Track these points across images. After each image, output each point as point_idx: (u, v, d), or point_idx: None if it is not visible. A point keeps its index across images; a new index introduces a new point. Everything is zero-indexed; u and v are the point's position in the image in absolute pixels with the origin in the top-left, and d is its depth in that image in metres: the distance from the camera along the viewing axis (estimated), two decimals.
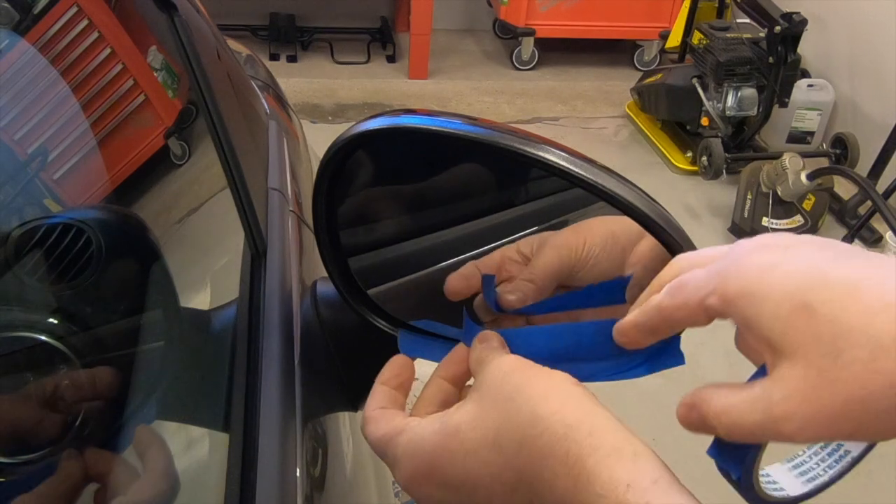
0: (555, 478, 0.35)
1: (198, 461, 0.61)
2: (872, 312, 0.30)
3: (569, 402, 0.37)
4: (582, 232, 0.48)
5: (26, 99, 0.59)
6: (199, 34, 0.76)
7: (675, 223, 0.43)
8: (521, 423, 0.37)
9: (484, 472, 0.38)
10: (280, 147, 1.08)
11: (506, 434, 0.37)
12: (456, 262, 0.54)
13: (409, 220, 0.56)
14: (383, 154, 0.51)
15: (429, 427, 0.41)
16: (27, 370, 0.47)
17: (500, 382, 0.39)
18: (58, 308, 0.50)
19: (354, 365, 0.63)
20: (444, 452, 0.39)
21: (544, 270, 0.48)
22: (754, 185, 2.87)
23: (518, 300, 0.48)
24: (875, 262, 0.32)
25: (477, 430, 0.38)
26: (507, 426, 0.37)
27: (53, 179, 0.58)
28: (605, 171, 0.43)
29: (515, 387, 0.38)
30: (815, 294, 0.31)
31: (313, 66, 4.19)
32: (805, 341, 0.31)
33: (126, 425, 0.51)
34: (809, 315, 0.31)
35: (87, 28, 0.67)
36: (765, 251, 0.34)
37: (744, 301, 0.34)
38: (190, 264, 0.74)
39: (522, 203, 0.53)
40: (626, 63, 4.40)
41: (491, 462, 0.37)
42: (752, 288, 0.33)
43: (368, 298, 0.56)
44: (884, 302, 0.30)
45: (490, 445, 0.38)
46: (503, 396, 0.38)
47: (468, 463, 0.38)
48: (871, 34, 3.35)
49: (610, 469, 0.34)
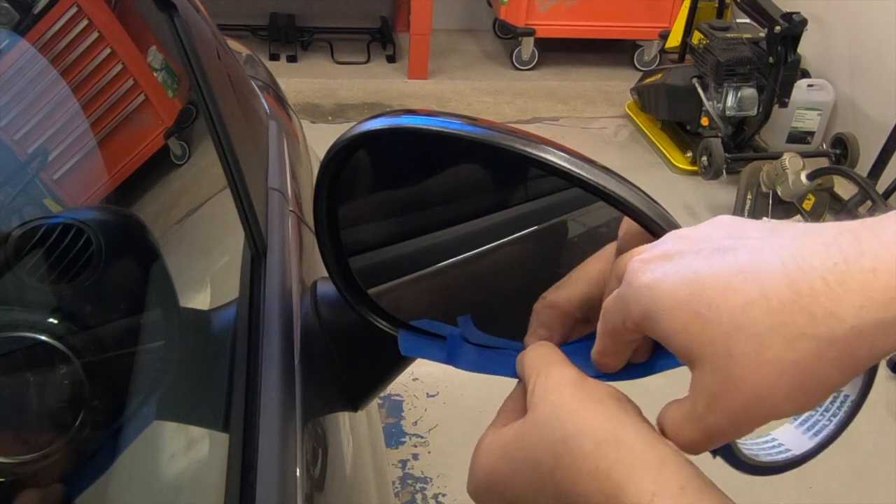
0: (588, 494, 0.36)
1: (198, 461, 0.61)
2: (750, 305, 0.32)
3: (599, 417, 0.38)
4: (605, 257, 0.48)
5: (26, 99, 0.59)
6: (199, 34, 0.76)
7: (675, 223, 0.43)
8: (554, 442, 0.38)
9: (529, 490, 0.39)
10: (280, 147, 1.08)
11: (543, 453, 0.38)
12: (456, 261, 0.54)
13: (410, 220, 0.56)
14: (384, 154, 0.51)
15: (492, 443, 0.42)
16: (27, 370, 0.47)
17: (542, 400, 0.41)
18: (58, 308, 0.51)
19: (354, 365, 0.63)
20: (496, 473, 0.41)
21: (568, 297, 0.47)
22: (754, 185, 2.87)
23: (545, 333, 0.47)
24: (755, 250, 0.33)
25: (522, 449, 0.40)
26: (544, 445, 0.39)
27: (53, 179, 0.58)
28: (605, 171, 0.43)
29: (554, 406, 0.39)
30: (699, 300, 0.33)
31: (313, 66, 4.19)
32: (704, 348, 0.33)
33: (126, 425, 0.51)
34: (701, 322, 0.33)
35: (87, 28, 0.67)
36: (651, 267, 0.36)
37: (649, 323, 0.35)
38: (190, 264, 0.74)
39: (522, 203, 0.53)
40: (626, 63, 4.40)
41: (534, 480, 0.39)
42: (649, 309, 0.35)
43: (368, 298, 0.56)
44: (760, 293, 0.31)
45: (531, 465, 0.39)
46: (544, 415, 0.40)
47: (516, 481, 0.40)
48: (871, 34, 3.35)
49: (636, 480, 0.34)
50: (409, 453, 2.02)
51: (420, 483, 1.94)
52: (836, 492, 2.04)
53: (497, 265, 0.55)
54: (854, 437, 2.12)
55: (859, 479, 2.08)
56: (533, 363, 0.44)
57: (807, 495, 2.02)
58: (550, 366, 0.43)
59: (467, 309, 0.54)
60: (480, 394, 2.18)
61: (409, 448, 2.04)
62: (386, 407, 2.16)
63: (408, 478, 1.96)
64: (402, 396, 2.20)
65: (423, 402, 2.18)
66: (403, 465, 1.99)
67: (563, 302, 0.47)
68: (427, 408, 2.16)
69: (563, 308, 0.47)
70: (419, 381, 2.24)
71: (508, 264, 0.55)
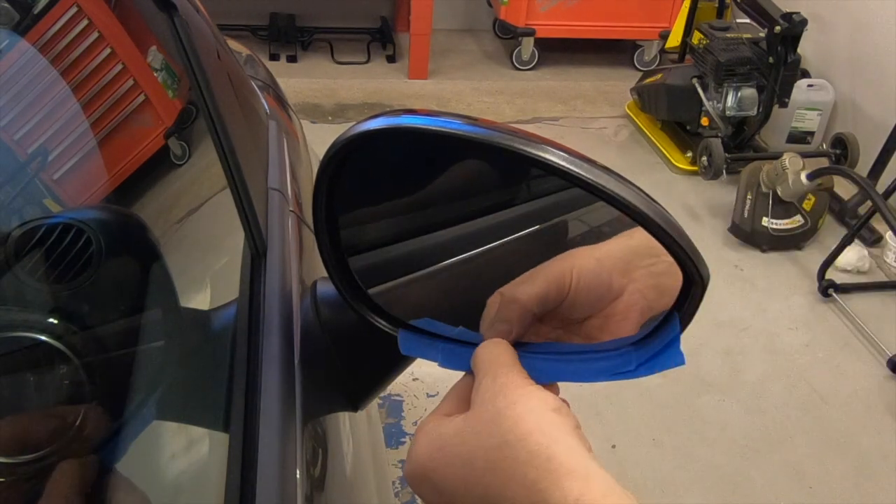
0: (516, 498, 0.39)
1: (198, 461, 0.61)
2: None
3: (536, 429, 0.41)
4: (569, 259, 0.50)
5: (26, 99, 0.59)
6: (199, 34, 0.76)
7: (676, 223, 0.43)
8: (490, 447, 0.41)
9: (460, 486, 0.42)
10: (280, 147, 1.08)
11: (478, 454, 0.41)
12: (456, 261, 0.54)
13: (409, 220, 0.56)
14: (383, 154, 0.51)
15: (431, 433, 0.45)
16: (27, 370, 0.47)
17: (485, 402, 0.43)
18: (58, 308, 0.50)
19: (354, 365, 0.63)
20: (432, 462, 0.44)
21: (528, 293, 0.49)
22: (754, 185, 2.88)
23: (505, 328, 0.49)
24: None
25: (458, 446, 0.43)
26: (480, 447, 0.42)
27: (53, 179, 0.58)
28: (605, 171, 0.43)
29: (496, 411, 0.42)
30: None
31: (313, 66, 4.19)
32: None
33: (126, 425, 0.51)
34: None
35: (87, 28, 0.67)
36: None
37: None
38: (190, 264, 0.74)
39: (522, 203, 0.53)
40: (626, 63, 4.40)
41: (466, 478, 0.42)
42: None
43: (368, 298, 0.56)
44: None
45: (466, 463, 0.42)
46: (485, 418, 0.42)
47: (449, 474, 0.43)
48: (871, 34, 3.35)
49: (562, 488, 0.38)
50: None
51: None
52: (836, 492, 2.04)
53: (497, 265, 0.55)
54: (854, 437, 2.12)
55: (859, 479, 2.08)
56: (484, 360, 0.46)
57: (807, 495, 2.02)
58: (500, 367, 0.45)
59: (467, 309, 0.54)
60: None
61: (409, 448, 2.04)
62: (386, 407, 2.16)
63: None
64: (402, 396, 2.20)
65: (423, 402, 2.18)
66: (403, 465, 1.99)
67: (524, 298, 0.49)
68: (427, 408, 2.16)
69: (523, 304, 0.48)
70: (419, 381, 2.24)
71: (508, 264, 0.55)
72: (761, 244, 2.92)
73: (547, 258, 0.51)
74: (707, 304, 0.46)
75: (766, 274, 2.85)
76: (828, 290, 2.70)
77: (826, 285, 2.70)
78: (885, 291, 2.77)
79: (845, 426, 2.21)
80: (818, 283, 2.73)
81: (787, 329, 2.60)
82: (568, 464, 0.39)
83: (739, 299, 2.70)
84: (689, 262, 0.44)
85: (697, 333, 2.33)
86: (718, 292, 2.68)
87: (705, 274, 0.44)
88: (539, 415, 0.41)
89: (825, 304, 2.71)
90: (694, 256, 0.44)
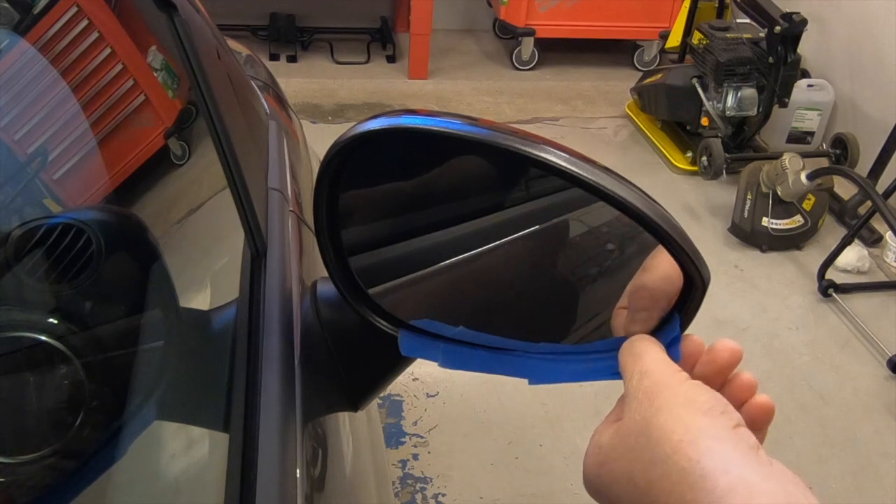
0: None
1: (198, 461, 0.61)
2: None
3: (686, 440, 0.38)
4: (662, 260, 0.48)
5: (26, 99, 0.59)
6: (199, 34, 0.76)
7: (676, 223, 0.43)
8: (646, 463, 0.39)
9: (626, 500, 0.40)
10: (280, 147, 1.08)
11: (638, 471, 0.39)
12: (456, 261, 0.54)
13: (410, 220, 0.56)
14: (384, 154, 0.51)
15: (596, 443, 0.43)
16: (27, 370, 0.47)
17: (633, 410, 0.41)
18: (58, 308, 0.50)
19: (354, 365, 0.63)
20: (599, 479, 0.42)
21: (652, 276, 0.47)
22: (754, 185, 2.87)
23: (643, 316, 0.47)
24: None
25: (617, 461, 0.41)
26: (638, 462, 0.39)
27: (53, 179, 0.58)
28: (605, 171, 0.43)
29: (645, 421, 0.40)
30: None
31: (313, 66, 4.19)
32: None
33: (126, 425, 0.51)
34: None
35: (87, 28, 0.67)
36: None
37: None
38: (190, 264, 0.74)
39: (522, 203, 0.53)
40: (626, 63, 4.40)
41: (630, 492, 0.40)
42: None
43: (368, 298, 0.56)
44: None
45: (628, 479, 0.40)
46: (636, 430, 0.40)
47: (617, 490, 0.41)
48: (871, 34, 3.35)
49: None
50: (409, 453, 2.02)
51: (420, 483, 1.94)
52: (837, 492, 2.04)
53: (498, 265, 0.55)
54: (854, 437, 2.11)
55: (859, 478, 2.08)
56: (626, 362, 0.44)
57: None
58: (643, 366, 0.43)
59: (468, 309, 0.54)
60: (480, 394, 2.18)
61: (409, 448, 2.04)
62: (386, 407, 2.16)
63: (408, 478, 1.96)
64: (402, 396, 2.20)
65: (423, 402, 2.18)
66: (403, 465, 1.99)
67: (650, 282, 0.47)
68: (427, 408, 2.16)
69: (651, 287, 0.46)
70: (419, 381, 2.24)
71: (509, 264, 0.55)
72: (761, 244, 2.92)
73: (547, 258, 0.51)
74: (707, 303, 0.46)
75: (766, 274, 2.85)
76: (828, 290, 2.70)
77: (826, 285, 2.70)
78: (885, 291, 2.77)
79: (845, 426, 2.21)
80: (818, 283, 2.73)
81: (787, 329, 2.60)
82: (725, 483, 0.35)
83: (739, 299, 2.70)
84: (689, 263, 0.44)
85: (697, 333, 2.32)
86: (718, 292, 2.68)
87: (706, 275, 0.44)
88: (687, 423, 0.38)
89: (825, 304, 2.71)
90: (695, 257, 0.44)
